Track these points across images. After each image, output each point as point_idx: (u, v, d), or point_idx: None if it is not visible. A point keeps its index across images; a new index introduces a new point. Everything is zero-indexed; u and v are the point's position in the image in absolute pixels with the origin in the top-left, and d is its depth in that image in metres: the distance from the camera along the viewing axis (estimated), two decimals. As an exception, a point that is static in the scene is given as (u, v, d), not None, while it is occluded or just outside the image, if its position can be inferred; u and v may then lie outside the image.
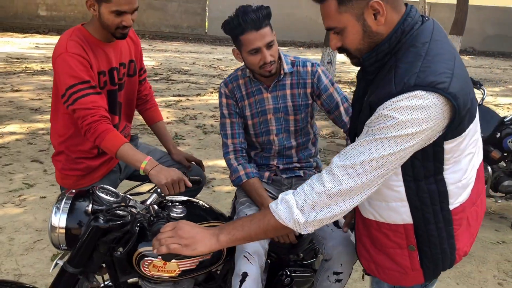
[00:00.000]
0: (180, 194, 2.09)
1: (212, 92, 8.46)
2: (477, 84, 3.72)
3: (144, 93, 2.38)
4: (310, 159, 2.21)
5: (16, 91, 7.59)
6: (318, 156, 2.30)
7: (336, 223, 1.93)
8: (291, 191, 1.30)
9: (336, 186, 1.21)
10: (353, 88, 9.84)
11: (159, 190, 1.75)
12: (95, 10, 1.93)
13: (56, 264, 1.59)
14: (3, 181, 4.15)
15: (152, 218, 1.54)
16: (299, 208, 1.25)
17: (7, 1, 16.88)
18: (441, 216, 1.31)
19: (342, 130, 2.10)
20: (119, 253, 1.61)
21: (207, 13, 18.52)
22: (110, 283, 1.80)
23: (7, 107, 6.65)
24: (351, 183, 1.20)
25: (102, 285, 1.80)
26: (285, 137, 2.11)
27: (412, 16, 1.26)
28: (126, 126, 2.29)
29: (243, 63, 2.00)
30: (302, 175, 2.17)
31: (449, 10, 18.00)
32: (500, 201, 3.80)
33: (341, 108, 2.07)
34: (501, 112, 8.11)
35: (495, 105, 8.95)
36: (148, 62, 11.72)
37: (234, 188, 4.22)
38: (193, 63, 12.13)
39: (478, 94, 3.84)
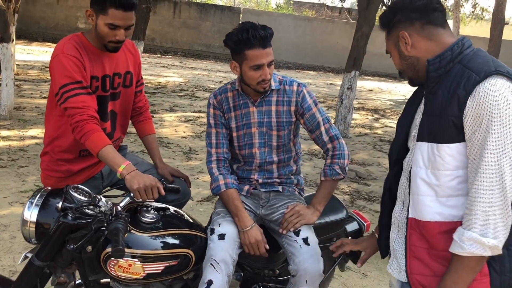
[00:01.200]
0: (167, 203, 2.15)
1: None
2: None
3: (138, 105, 2.45)
4: (291, 176, 2.24)
5: (44, 98, 7.91)
6: (301, 175, 2.33)
7: (305, 240, 1.95)
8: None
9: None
10: (376, 116, 9.78)
11: (132, 194, 1.82)
12: (93, 20, 2.04)
13: (26, 257, 1.67)
14: (16, 182, 4.33)
15: (111, 218, 1.60)
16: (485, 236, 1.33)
17: (50, 13, 17.71)
18: None
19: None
20: (87, 251, 1.68)
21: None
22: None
23: (33, 113, 6.95)
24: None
25: (73, 283, 1.86)
26: (267, 152, 2.16)
27: (467, 39, 1.48)
28: (120, 137, 2.36)
29: (238, 76, 2.08)
30: (280, 190, 2.20)
31: (482, 43, 17.76)
32: None
33: (322, 128, 2.11)
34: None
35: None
36: (177, 78, 12.03)
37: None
38: (220, 82, 12.34)
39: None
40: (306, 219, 2.02)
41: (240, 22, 18.78)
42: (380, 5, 7.52)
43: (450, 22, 22.03)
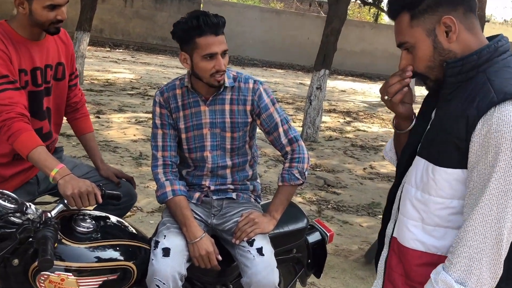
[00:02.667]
0: (108, 210, 2.15)
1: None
2: None
3: (73, 100, 2.45)
4: (247, 182, 2.28)
5: None
6: (258, 180, 2.37)
7: (260, 250, 1.99)
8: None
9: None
10: (348, 119, 9.98)
11: (66, 201, 1.81)
12: (25, 8, 2.02)
13: None
14: None
15: (39, 226, 1.59)
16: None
17: None
18: None
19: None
20: (13, 264, 1.66)
21: (199, 27, 18.85)
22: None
23: None
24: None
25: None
26: (220, 155, 2.18)
27: (505, 40, 1.36)
28: (55, 139, 2.35)
29: (188, 70, 2.10)
30: (234, 197, 2.23)
31: None
32: None
33: (281, 129, 2.16)
34: None
35: None
36: (127, 75, 11.90)
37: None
38: (177, 80, 12.29)
39: None
40: (261, 227, 2.06)
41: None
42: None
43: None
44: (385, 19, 21.46)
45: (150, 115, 7.93)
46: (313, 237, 2.56)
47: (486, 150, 1.23)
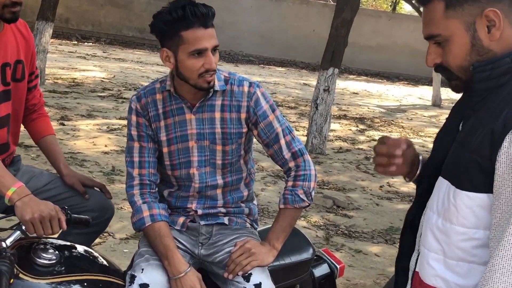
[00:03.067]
0: (75, 232, 2.14)
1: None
2: None
3: (32, 102, 2.46)
4: (241, 204, 2.28)
5: None
6: (255, 202, 2.37)
7: (258, 286, 1.99)
8: None
9: None
10: (361, 126, 10.02)
11: (24, 227, 1.81)
12: None
13: None
14: None
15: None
16: None
17: None
18: None
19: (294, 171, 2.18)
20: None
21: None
22: None
23: None
24: None
25: None
26: (209, 172, 2.18)
27: None
28: (13, 151, 2.35)
29: (171, 70, 2.10)
30: (226, 222, 2.22)
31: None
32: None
33: (282, 141, 2.16)
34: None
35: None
36: (98, 73, 11.93)
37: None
38: (157, 78, 12.32)
39: None
40: (259, 259, 2.05)
41: None
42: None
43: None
44: (405, 7, 21.61)
45: (124, 122, 7.93)
46: (320, 270, 2.56)
47: None
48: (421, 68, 18.98)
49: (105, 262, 2.04)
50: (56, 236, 2.05)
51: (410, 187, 6.57)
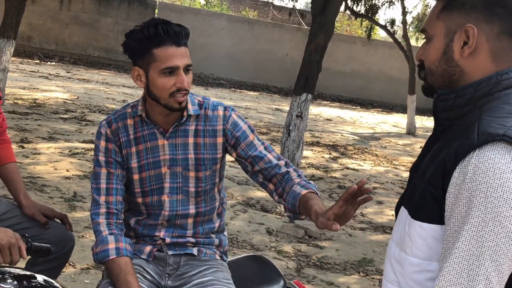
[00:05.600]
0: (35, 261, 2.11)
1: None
2: None
3: None
4: (212, 235, 2.27)
5: None
6: (225, 233, 2.37)
7: None
8: None
9: None
10: (334, 154, 10.11)
11: (-20, 255, 1.78)
12: None
13: None
14: None
15: None
16: None
17: None
18: None
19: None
20: None
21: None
22: None
23: None
24: None
25: None
26: (181, 200, 2.18)
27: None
28: None
29: (143, 93, 2.11)
30: (195, 253, 2.21)
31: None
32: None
33: (269, 155, 2.17)
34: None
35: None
36: (61, 94, 11.83)
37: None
38: (123, 101, 12.27)
39: None
40: None
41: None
42: (343, 8, 7.90)
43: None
44: (380, 33, 22.01)
45: (88, 145, 7.87)
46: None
47: (459, 203, 1.22)
48: (396, 95, 19.33)
49: (66, 294, 2.01)
50: (14, 265, 2.03)
51: (384, 218, 6.63)
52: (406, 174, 9.18)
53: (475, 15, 1.33)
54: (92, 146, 7.80)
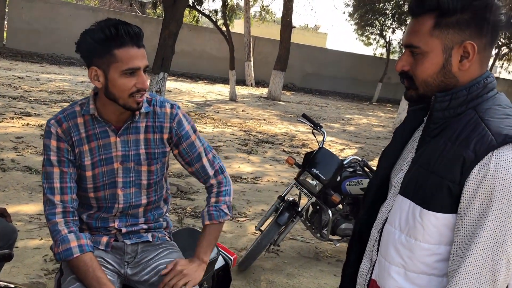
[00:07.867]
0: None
1: (13, 118, 7.43)
2: (318, 126, 3.92)
3: None
4: (160, 219, 1.96)
5: None
6: (167, 214, 2.05)
7: None
8: None
9: None
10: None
11: None
12: None
13: None
14: None
15: None
16: None
17: None
18: None
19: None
20: None
21: (5, 22, 16.67)
22: None
23: None
24: None
25: None
26: (134, 193, 1.83)
27: (493, 77, 1.26)
28: None
29: (100, 89, 1.69)
30: (150, 239, 1.89)
31: (271, 45, 19.63)
32: (337, 244, 4.02)
33: (205, 159, 1.90)
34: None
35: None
36: None
37: (46, 242, 3.64)
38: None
39: (319, 136, 4.06)
40: (192, 278, 1.75)
41: (6, 9, 16.59)
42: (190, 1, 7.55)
43: (240, 22, 23.73)
44: (201, 20, 21.62)
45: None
46: (218, 263, 2.33)
47: (480, 196, 1.14)
48: (217, 70, 19.38)
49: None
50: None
51: (233, 170, 6.54)
52: (240, 133, 9.20)
53: (470, 32, 1.20)
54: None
